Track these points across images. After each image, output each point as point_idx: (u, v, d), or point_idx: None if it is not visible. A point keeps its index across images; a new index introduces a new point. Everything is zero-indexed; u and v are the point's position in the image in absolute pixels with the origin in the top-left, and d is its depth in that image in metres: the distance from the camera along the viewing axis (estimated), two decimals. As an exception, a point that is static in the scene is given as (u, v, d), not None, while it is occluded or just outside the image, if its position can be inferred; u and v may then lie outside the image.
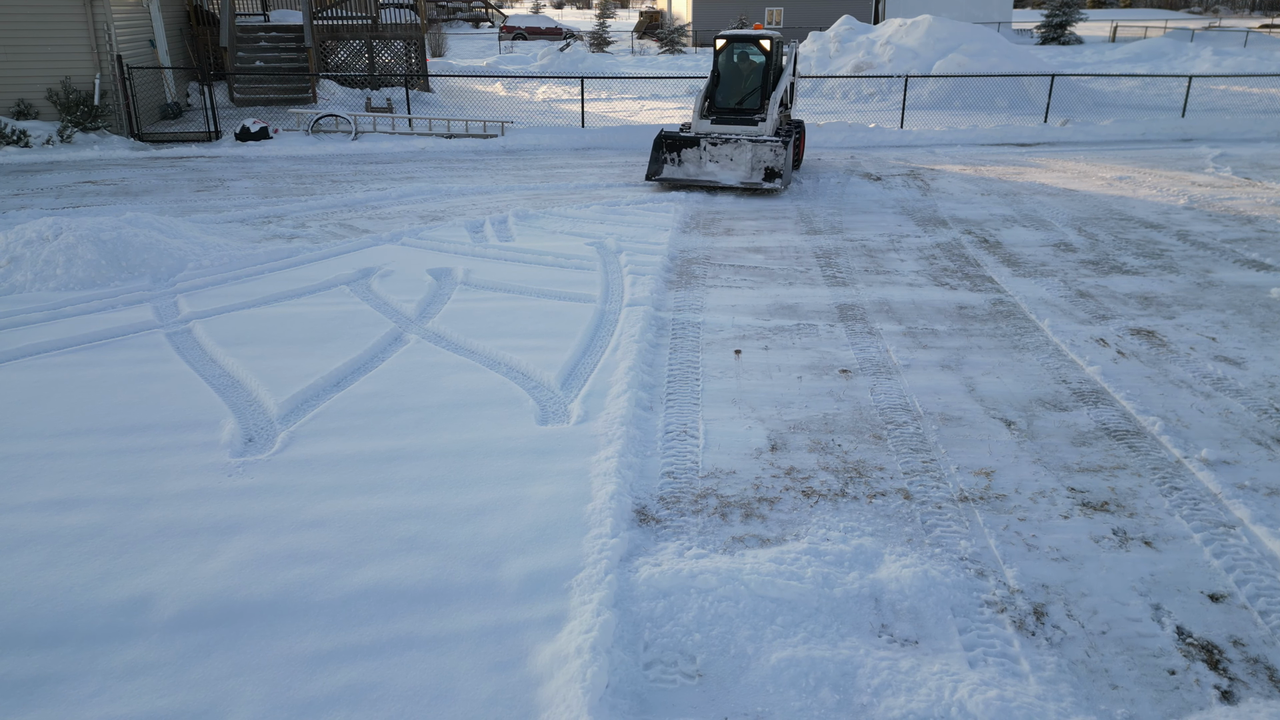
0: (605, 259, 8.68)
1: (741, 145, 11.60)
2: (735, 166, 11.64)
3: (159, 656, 3.41)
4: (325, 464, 4.81)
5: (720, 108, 12.37)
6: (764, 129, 11.81)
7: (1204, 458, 4.92)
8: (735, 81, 12.47)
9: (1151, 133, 17.30)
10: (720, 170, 11.68)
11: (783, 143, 11.45)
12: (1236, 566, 3.99)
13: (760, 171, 11.47)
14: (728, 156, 11.69)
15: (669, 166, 11.95)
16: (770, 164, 11.44)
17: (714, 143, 11.70)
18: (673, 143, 11.92)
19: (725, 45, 12.46)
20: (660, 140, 11.95)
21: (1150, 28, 49.53)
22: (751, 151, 11.57)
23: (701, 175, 11.68)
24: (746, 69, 12.45)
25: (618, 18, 66.66)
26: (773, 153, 11.47)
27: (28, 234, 7.97)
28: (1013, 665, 3.41)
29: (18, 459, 4.84)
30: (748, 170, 11.57)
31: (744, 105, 12.28)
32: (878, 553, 4.05)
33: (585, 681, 3.19)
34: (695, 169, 11.81)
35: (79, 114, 15.29)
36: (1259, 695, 3.29)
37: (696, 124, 12.22)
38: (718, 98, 12.45)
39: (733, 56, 12.52)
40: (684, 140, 11.86)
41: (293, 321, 6.93)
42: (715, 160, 11.71)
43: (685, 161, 11.88)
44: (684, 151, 11.89)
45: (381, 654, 3.43)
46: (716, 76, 12.54)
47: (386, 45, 20.91)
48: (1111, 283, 8.11)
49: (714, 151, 11.73)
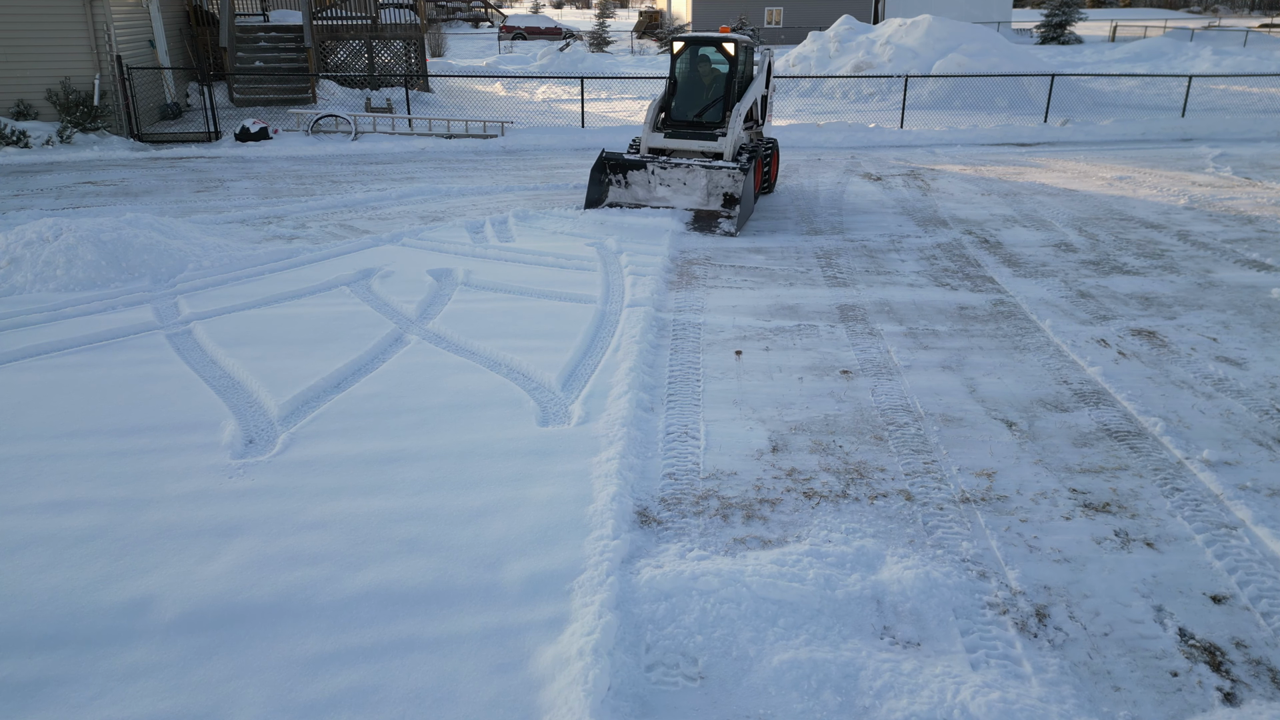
0: (606, 259, 8.67)
1: (694, 171, 9.99)
2: (690, 191, 10.11)
3: (160, 659, 3.40)
4: (326, 465, 4.80)
5: (676, 120, 10.74)
6: (724, 145, 10.22)
7: (1205, 458, 4.92)
8: (694, 91, 10.79)
9: (1151, 132, 17.30)
10: (673, 195, 10.18)
11: (741, 168, 9.75)
12: (1239, 568, 3.99)
13: (717, 197, 10.01)
14: (680, 180, 10.12)
15: (615, 190, 10.45)
16: (729, 190, 9.92)
17: (664, 166, 10.10)
18: (616, 164, 10.36)
19: (684, 49, 10.72)
20: (602, 163, 10.33)
21: (1150, 27, 49.53)
22: (706, 177, 9.99)
23: (652, 200, 10.22)
24: (708, 77, 10.79)
25: (617, 17, 66.66)
26: (730, 178, 9.88)
27: (28, 235, 7.96)
28: (1015, 667, 3.40)
29: (18, 461, 4.83)
30: (703, 196, 10.09)
31: (704, 118, 10.62)
32: (879, 554, 4.05)
33: (587, 684, 3.19)
34: (645, 193, 10.30)
35: (79, 114, 15.28)
36: (1261, 697, 3.28)
37: (648, 137, 10.54)
38: (674, 109, 10.80)
39: (693, 62, 10.85)
40: (630, 163, 10.27)
41: (293, 322, 6.93)
42: (666, 184, 10.15)
43: (633, 184, 10.35)
44: (631, 174, 10.33)
45: (383, 656, 3.43)
46: (673, 84, 10.83)
47: (386, 45, 20.90)
48: (1112, 283, 8.11)
49: (664, 176, 10.14)
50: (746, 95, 10.56)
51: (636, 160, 10.21)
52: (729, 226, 9.70)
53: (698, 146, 10.32)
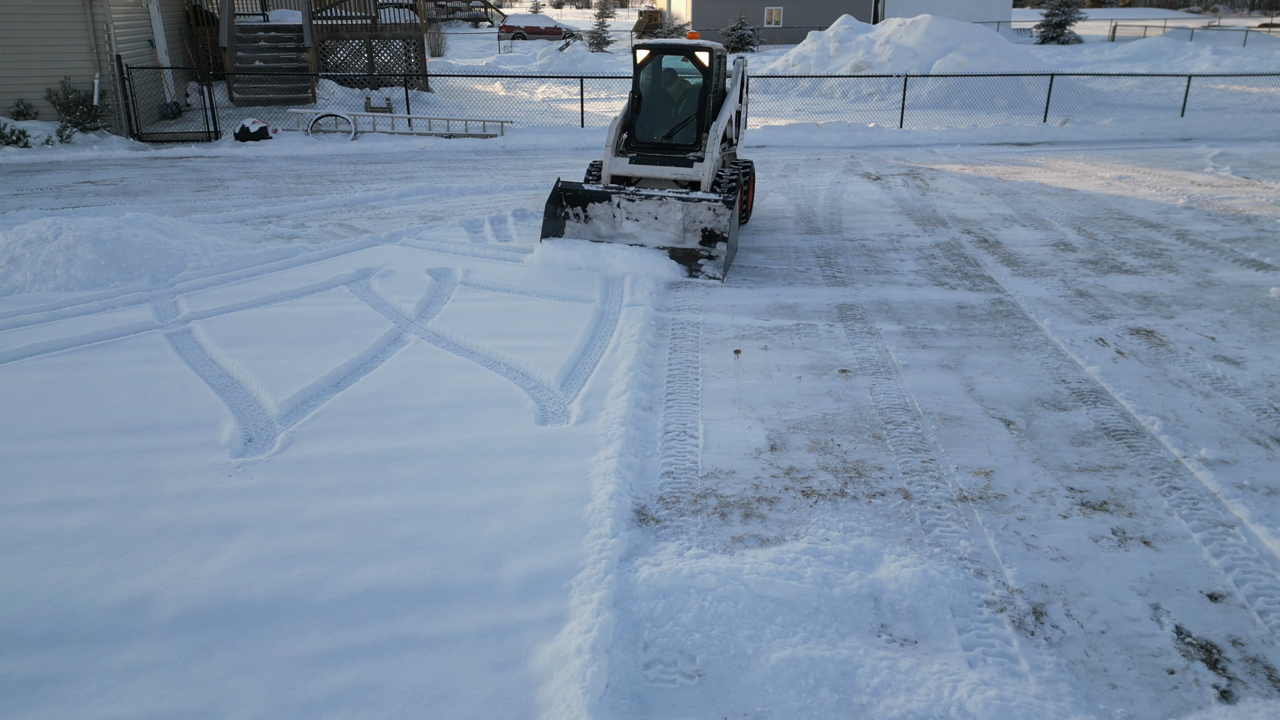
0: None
1: (669, 204, 8.31)
2: (662, 227, 8.44)
3: (159, 656, 3.41)
4: (325, 464, 4.81)
5: (642, 142, 9.05)
6: (701, 172, 8.65)
7: (1203, 457, 4.93)
8: (663, 108, 9.12)
9: (1151, 132, 17.31)
10: (643, 231, 8.51)
11: (724, 201, 8.16)
12: (1235, 566, 4.00)
13: (696, 234, 8.35)
14: (650, 215, 8.42)
15: (574, 226, 8.73)
16: (709, 225, 8.29)
17: (632, 199, 8.39)
18: (575, 196, 8.61)
19: (650, 58, 8.98)
20: (557, 194, 8.57)
21: (1149, 27, 49.54)
22: (683, 211, 8.31)
23: (617, 237, 8.58)
24: (678, 91, 9.12)
25: (617, 17, 66.66)
26: (712, 212, 8.23)
27: (27, 234, 7.97)
28: (1012, 665, 3.41)
29: (17, 459, 4.84)
30: (678, 233, 8.42)
31: (674, 140, 9.02)
32: (877, 552, 4.06)
33: (585, 681, 3.20)
34: (609, 228, 8.63)
35: (78, 114, 15.28)
36: (1258, 695, 3.29)
37: (610, 163, 8.90)
38: (639, 128, 9.10)
39: (660, 74, 9.11)
40: (591, 195, 8.55)
41: (292, 322, 6.94)
42: (635, 219, 8.47)
43: (595, 219, 8.65)
44: (592, 207, 8.62)
45: (382, 654, 3.43)
46: (637, 100, 9.07)
47: (386, 45, 20.91)
48: (1111, 282, 8.12)
49: (632, 209, 8.45)
50: (723, 112, 8.98)
51: (599, 192, 8.49)
52: (713, 271, 8.10)
53: (670, 174, 8.74)
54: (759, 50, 37.82)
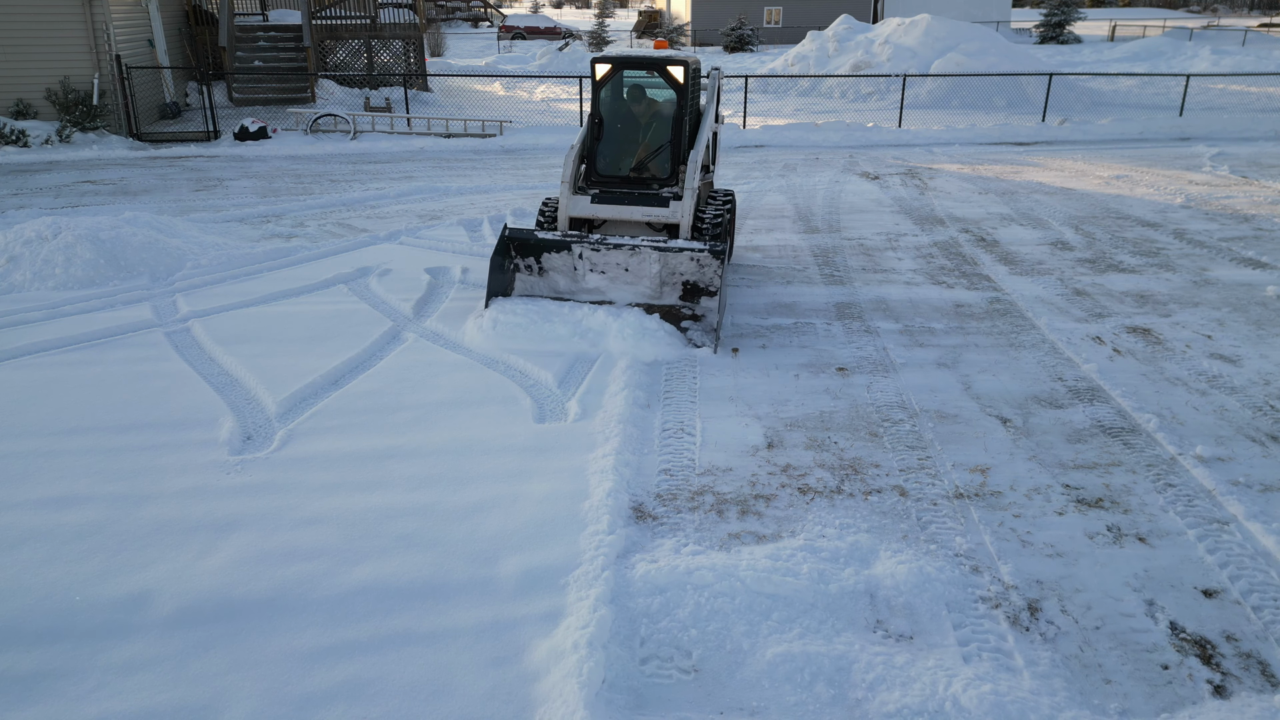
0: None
1: (642, 255, 6.72)
2: (634, 280, 6.83)
3: (158, 652, 3.42)
4: (323, 462, 4.83)
5: (605, 176, 7.39)
6: (680, 213, 7.04)
7: (1199, 454, 4.94)
8: (629, 134, 7.49)
9: (1149, 132, 17.32)
10: (610, 285, 6.88)
11: (711, 250, 6.58)
12: (1230, 562, 4.01)
13: (675, 288, 6.78)
14: (620, 266, 6.81)
15: (525, 278, 7.05)
16: (693, 278, 6.73)
17: (596, 248, 6.77)
18: (527, 246, 6.95)
19: (611, 74, 7.27)
20: (505, 244, 6.89)
21: (1149, 27, 49.56)
22: (660, 262, 6.71)
23: (580, 293, 6.94)
24: (646, 114, 7.47)
25: (617, 17, 66.68)
26: (695, 263, 6.66)
27: (26, 233, 7.98)
28: (1007, 660, 3.43)
29: (17, 457, 4.85)
30: (653, 286, 6.81)
31: (644, 174, 7.35)
32: (873, 549, 4.07)
33: (582, 676, 3.21)
34: (569, 283, 6.97)
35: (78, 114, 15.30)
36: (1251, 690, 3.31)
37: (568, 202, 7.23)
38: (601, 160, 7.43)
39: (624, 94, 7.48)
40: (546, 244, 6.88)
41: (291, 320, 6.95)
42: (601, 270, 6.87)
43: (552, 272, 6.98)
44: (547, 257, 6.94)
45: (379, 650, 3.45)
46: (598, 125, 7.40)
47: (385, 45, 20.92)
48: (1108, 281, 8.13)
49: (597, 260, 6.83)
50: (700, 137, 7.34)
51: (557, 240, 6.83)
52: (701, 338, 6.55)
53: (642, 215, 7.13)
54: (758, 50, 37.84)
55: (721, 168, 13.98)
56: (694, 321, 6.70)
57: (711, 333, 6.60)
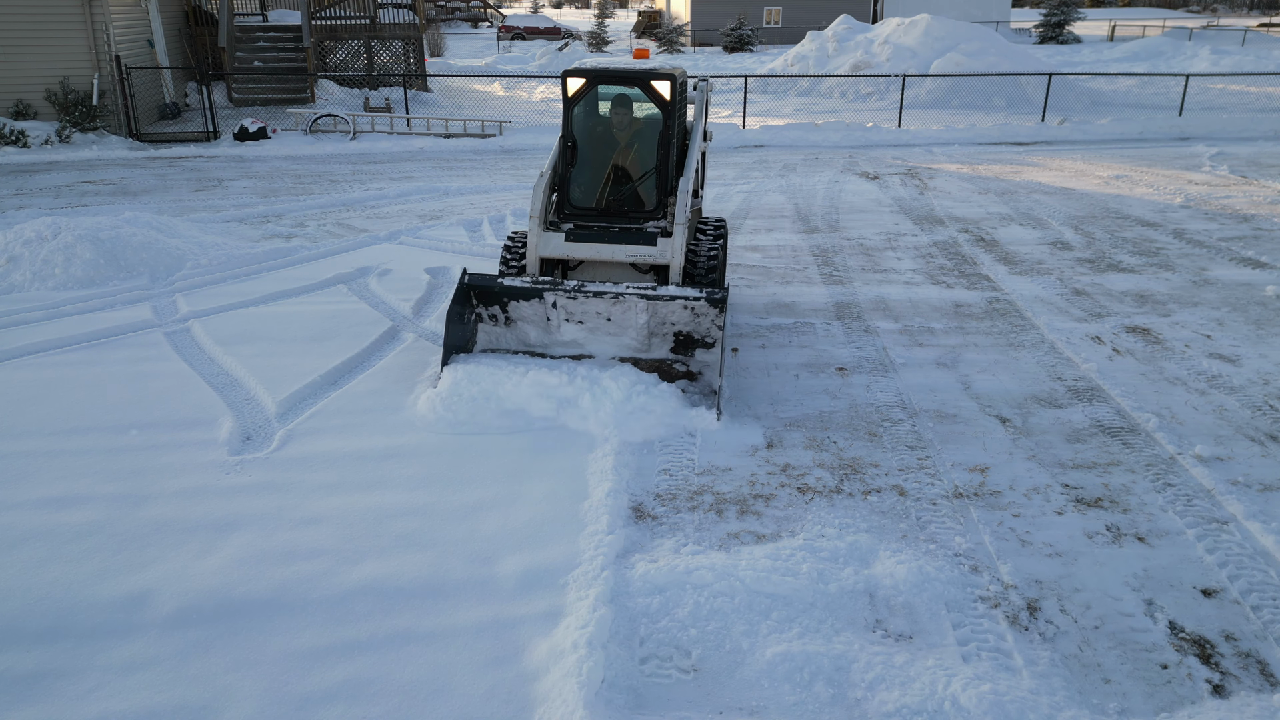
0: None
1: (627, 304, 5.75)
2: (618, 330, 5.91)
3: (157, 652, 3.42)
4: (322, 462, 4.83)
5: (580, 208, 6.29)
6: (670, 251, 5.97)
7: (1198, 454, 4.95)
8: (608, 159, 6.34)
9: (1149, 131, 17.33)
10: (590, 337, 5.93)
11: (709, 297, 5.59)
12: (1229, 562, 4.02)
13: (666, 339, 5.89)
14: (601, 316, 5.86)
15: (489, 329, 6.03)
16: (687, 329, 5.82)
17: (573, 295, 5.76)
18: (490, 295, 5.90)
19: (586, 89, 6.15)
20: (464, 293, 5.83)
21: (1148, 27, 49.57)
22: (649, 311, 5.77)
23: (554, 346, 5.97)
24: (628, 135, 6.32)
25: (616, 17, 66.68)
26: (690, 313, 5.74)
27: (26, 233, 7.99)
28: (1006, 660, 3.43)
29: (17, 457, 4.86)
30: (640, 338, 5.89)
31: (625, 205, 6.27)
32: (873, 549, 4.07)
33: (581, 676, 3.21)
34: (541, 334, 5.99)
35: (77, 114, 15.30)
36: (1250, 689, 3.31)
37: (539, 240, 6.12)
38: (575, 190, 6.32)
39: (602, 113, 6.38)
40: (514, 292, 5.85)
41: (290, 320, 6.95)
42: (579, 320, 5.89)
43: (521, 322, 5.98)
44: (515, 306, 5.92)
45: (378, 649, 3.45)
46: (572, 149, 6.24)
47: (385, 45, 20.92)
48: (1107, 281, 8.14)
49: (574, 309, 5.86)
50: (689, 161, 6.29)
51: (526, 288, 5.80)
52: (699, 397, 5.57)
53: (625, 255, 6.05)
54: (758, 50, 37.83)
55: (721, 168, 13.98)
56: (689, 381, 5.70)
57: (711, 395, 5.58)
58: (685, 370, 5.81)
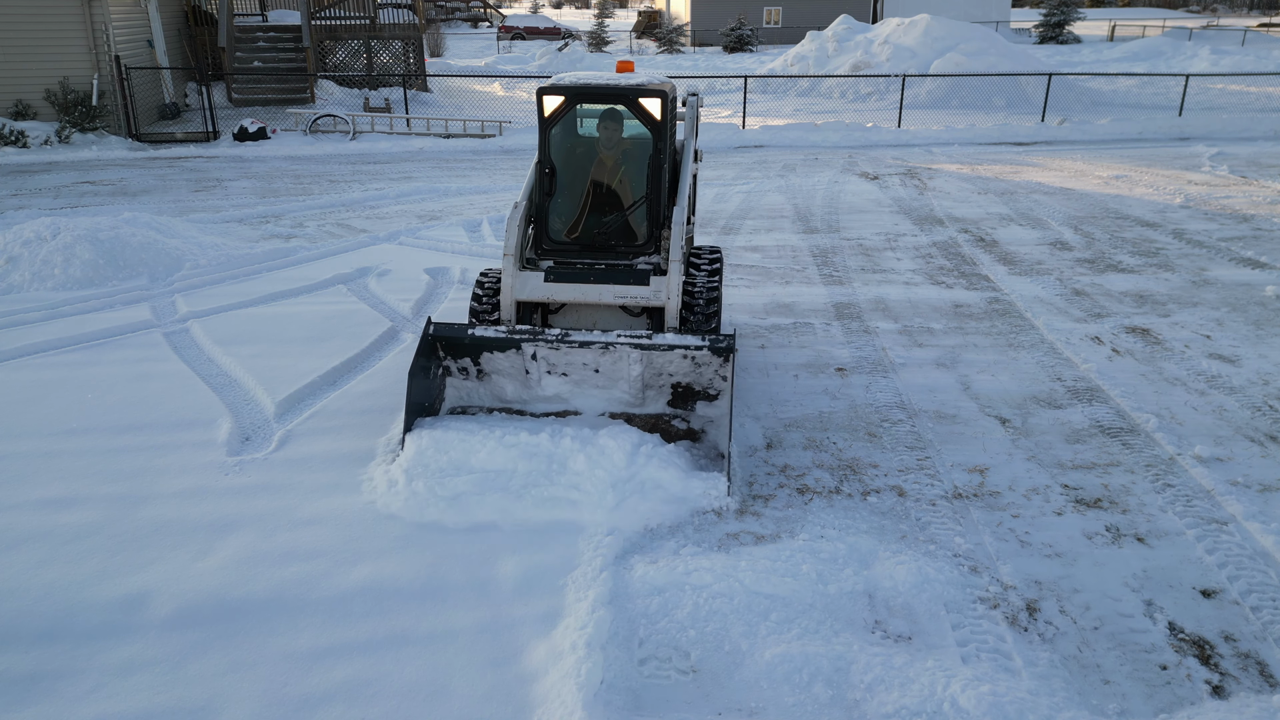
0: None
1: (618, 354, 5.08)
2: (607, 383, 5.23)
3: (155, 654, 3.42)
4: (321, 462, 4.82)
5: (561, 243, 5.53)
6: (664, 291, 5.24)
7: (1197, 455, 4.94)
8: (591, 186, 5.54)
9: (1148, 132, 17.32)
10: (576, 391, 5.28)
11: (713, 346, 4.94)
12: (1229, 562, 4.01)
13: (662, 392, 5.26)
14: (588, 367, 5.18)
15: (459, 384, 5.37)
16: (687, 380, 5.18)
17: (555, 345, 5.08)
18: (459, 347, 5.21)
19: (565, 108, 5.28)
20: (429, 345, 5.11)
21: (1148, 27, 49.57)
22: (643, 363, 5.11)
23: (534, 401, 5.33)
24: (613, 157, 5.52)
25: (616, 17, 66.65)
26: (691, 363, 5.08)
27: (25, 234, 7.98)
28: (1005, 661, 3.42)
29: (15, 458, 4.85)
30: (633, 392, 5.22)
31: (613, 238, 5.51)
32: (872, 550, 4.07)
33: (580, 677, 3.21)
34: (519, 389, 5.32)
35: (77, 114, 15.29)
36: (1250, 690, 3.30)
37: (514, 281, 5.34)
38: (555, 221, 5.55)
39: (583, 134, 5.73)
40: (487, 343, 5.14)
41: (290, 320, 6.95)
42: (562, 372, 5.21)
43: (496, 375, 5.31)
44: (489, 358, 5.23)
45: (377, 651, 3.45)
46: (549, 173, 5.42)
47: (385, 45, 20.91)
48: (1107, 281, 8.13)
49: (557, 360, 5.17)
50: (682, 186, 5.62)
51: (501, 339, 5.10)
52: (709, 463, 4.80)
53: (614, 296, 5.31)
54: (758, 50, 37.82)
55: (721, 168, 13.97)
56: (691, 441, 5.01)
57: (718, 460, 4.80)
58: (686, 428, 5.14)
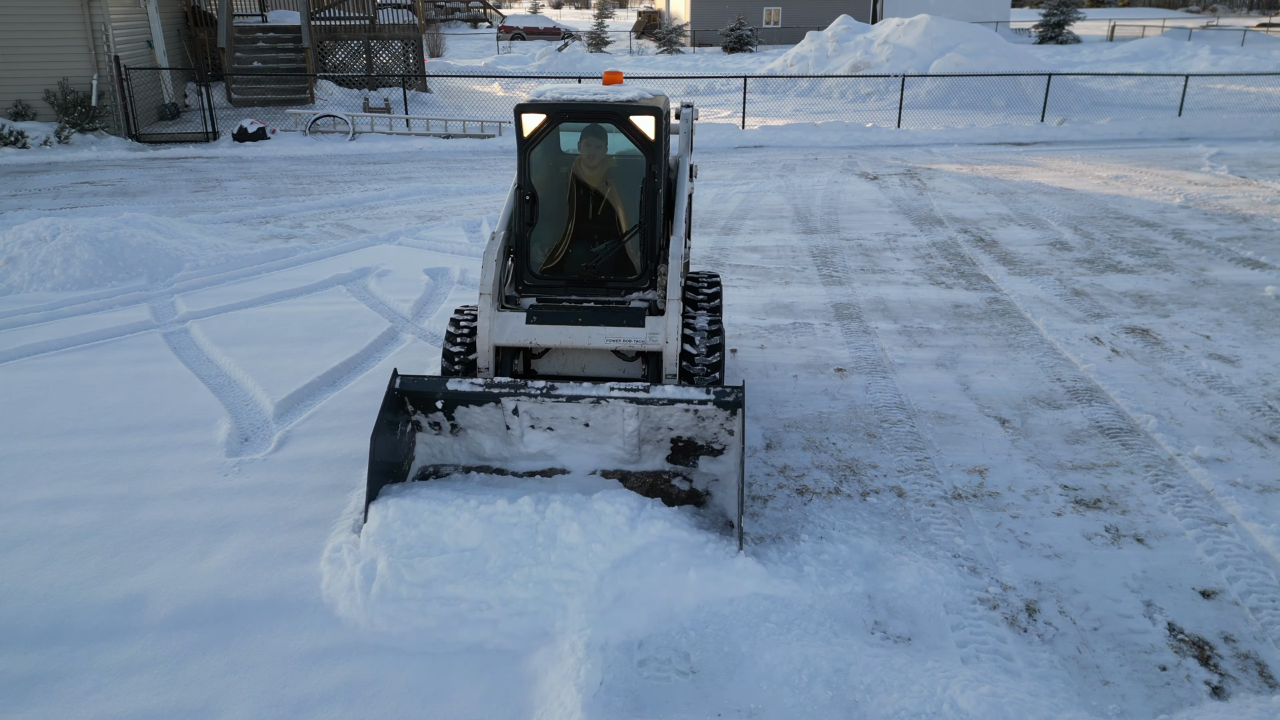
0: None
1: (610, 409, 4.42)
2: (599, 438, 4.59)
3: (154, 655, 3.42)
4: (321, 463, 4.82)
5: (544, 279, 4.92)
6: (663, 335, 4.64)
7: (1197, 455, 4.94)
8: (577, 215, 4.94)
9: (1148, 132, 17.32)
10: (563, 447, 4.63)
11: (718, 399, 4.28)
12: (1228, 563, 4.01)
13: (660, 447, 4.62)
14: (577, 421, 4.53)
15: (430, 439, 4.71)
16: (689, 434, 4.55)
17: (540, 398, 4.40)
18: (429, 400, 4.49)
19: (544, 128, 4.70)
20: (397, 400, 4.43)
21: (1148, 27, 49.57)
22: (638, 418, 4.45)
23: (516, 459, 4.66)
24: (601, 181, 4.92)
25: (616, 17, 66.63)
26: (694, 416, 4.42)
27: (25, 234, 7.98)
28: (1005, 662, 3.42)
29: (15, 458, 4.85)
30: (628, 447, 4.58)
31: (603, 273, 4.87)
32: (872, 550, 4.06)
33: (579, 679, 3.21)
34: (499, 446, 4.67)
35: (76, 115, 15.29)
36: (1249, 691, 3.30)
37: (492, 323, 4.73)
38: (536, 254, 4.96)
39: (568, 155, 5.15)
40: (461, 398, 4.46)
41: (289, 321, 6.95)
42: (548, 427, 4.57)
43: (472, 431, 4.64)
44: (465, 412, 4.55)
45: (376, 652, 3.44)
46: (531, 200, 4.82)
47: (384, 45, 20.91)
48: (1107, 281, 8.13)
49: (542, 415, 4.52)
50: (678, 211, 4.99)
51: (477, 393, 4.42)
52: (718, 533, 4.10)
53: (605, 339, 4.71)
54: (757, 50, 37.82)
55: (720, 168, 13.97)
56: (695, 505, 4.34)
57: (726, 527, 4.19)
58: (690, 489, 4.48)
